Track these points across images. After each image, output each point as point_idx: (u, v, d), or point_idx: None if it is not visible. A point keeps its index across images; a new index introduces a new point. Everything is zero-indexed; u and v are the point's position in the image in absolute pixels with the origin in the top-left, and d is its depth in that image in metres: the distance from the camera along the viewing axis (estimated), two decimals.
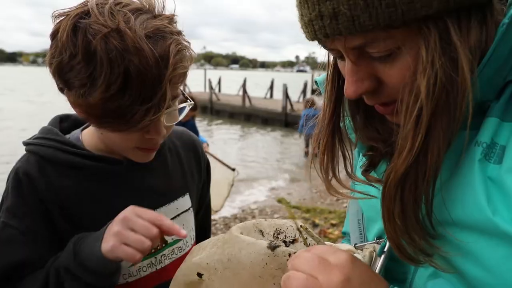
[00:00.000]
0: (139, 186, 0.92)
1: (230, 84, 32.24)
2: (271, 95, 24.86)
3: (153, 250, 0.94)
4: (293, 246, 0.71)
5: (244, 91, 19.58)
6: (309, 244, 0.71)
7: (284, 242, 0.72)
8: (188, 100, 0.88)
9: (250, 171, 9.17)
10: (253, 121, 18.49)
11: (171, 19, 0.79)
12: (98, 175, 0.88)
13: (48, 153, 0.85)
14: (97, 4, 0.74)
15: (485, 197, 0.49)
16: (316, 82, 0.74)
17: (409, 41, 0.49)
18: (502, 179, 0.49)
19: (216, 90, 24.73)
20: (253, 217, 6.00)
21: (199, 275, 0.72)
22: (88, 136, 0.92)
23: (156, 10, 0.79)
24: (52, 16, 0.77)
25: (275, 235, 0.73)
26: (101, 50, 0.69)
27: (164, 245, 0.96)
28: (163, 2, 0.80)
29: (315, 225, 5.35)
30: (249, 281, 0.66)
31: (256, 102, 19.92)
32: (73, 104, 0.79)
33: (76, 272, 0.77)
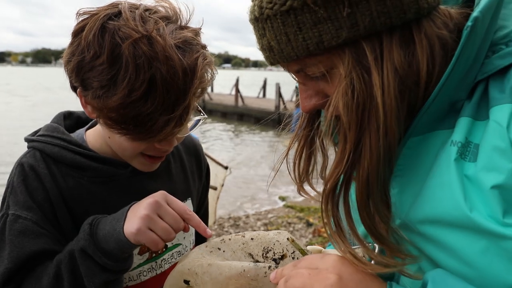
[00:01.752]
0: (143, 190, 0.90)
1: (223, 83, 32.17)
2: (264, 95, 24.88)
3: (154, 255, 0.94)
4: (282, 263, 0.73)
5: (237, 91, 19.56)
6: (297, 258, 0.72)
7: (274, 260, 0.74)
8: (201, 114, 0.87)
9: (243, 171, 9.18)
10: (246, 120, 18.49)
11: (197, 32, 0.79)
12: (103, 177, 0.87)
13: (55, 151, 0.84)
14: (129, 7, 0.74)
15: (462, 194, 0.52)
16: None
17: (336, 62, 0.57)
18: (478, 177, 0.52)
19: (209, 90, 24.65)
20: (247, 217, 6.00)
21: (186, 282, 0.74)
22: (93, 137, 0.91)
23: (182, 21, 0.79)
24: (76, 14, 0.76)
25: (264, 254, 0.74)
26: (129, 55, 0.69)
27: (164, 249, 0.97)
28: (189, 15, 0.80)
29: (309, 224, 5.38)
30: (225, 284, 0.69)
31: (249, 101, 19.91)
32: (86, 104, 0.78)
33: (93, 254, 0.75)
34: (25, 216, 0.79)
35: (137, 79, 0.69)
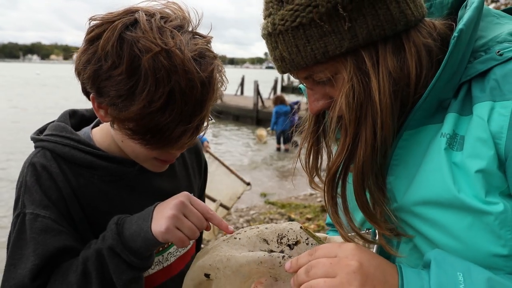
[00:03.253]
0: (150, 187, 0.94)
1: None
2: (242, 92, 24.87)
3: (160, 249, 0.98)
4: (297, 248, 0.78)
5: None
6: (311, 244, 0.78)
7: (288, 245, 0.78)
8: (209, 118, 0.89)
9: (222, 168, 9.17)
10: (224, 118, 18.45)
11: (208, 40, 0.80)
12: (112, 176, 0.89)
13: (65, 151, 0.86)
14: (146, 17, 0.74)
15: (451, 178, 0.61)
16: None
17: (339, 69, 0.66)
18: (464, 163, 0.61)
19: None
20: (229, 214, 6.03)
21: (207, 275, 0.78)
22: (100, 136, 0.93)
23: (191, 24, 0.80)
24: (89, 20, 0.76)
25: (279, 240, 0.79)
26: (148, 68, 0.70)
27: (169, 243, 1.00)
28: (198, 19, 0.81)
29: (291, 220, 5.48)
30: (248, 276, 0.73)
31: (227, 99, 19.85)
32: (99, 109, 0.80)
33: (121, 252, 0.78)
34: (43, 215, 0.80)
35: (157, 92, 0.71)
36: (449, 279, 0.55)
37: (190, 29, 0.80)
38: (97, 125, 0.97)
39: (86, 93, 0.82)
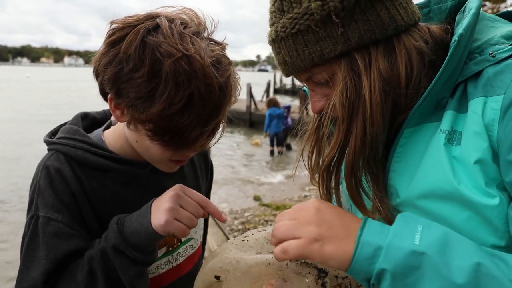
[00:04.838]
0: (161, 188, 0.94)
1: None
2: None
3: (170, 249, 1.00)
4: None
5: None
6: None
7: None
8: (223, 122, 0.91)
9: (218, 170, 9.19)
10: None
11: (224, 47, 0.83)
12: (124, 178, 0.91)
13: (78, 154, 0.87)
14: (168, 23, 0.76)
15: (451, 171, 0.65)
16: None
17: (335, 70, 0.72)
18: (463, 157, 0.65)
19: None
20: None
21: (217, 277, 0.81)
22: (112, 138, 0.95)
23: (206, 31, 0.83)
24: (109, 23, 0.78)
25: None
26: (170, 72, 0.72)
27: (179, 243, 1.03)
28: (213, 27, 0.84)
29: None
30: (257, 277, 0.76)
31: None
32: (115, 109, 0.82)
33: (124, 249, 0.80)
34: (56, 218, 0.82)
35: (177, 95, 0.73)
36: (408, 228, 0.60)
37: (205, 35, 0.82)
38: (108, 127, 0.99)
39: (103, 93, 0.84)
